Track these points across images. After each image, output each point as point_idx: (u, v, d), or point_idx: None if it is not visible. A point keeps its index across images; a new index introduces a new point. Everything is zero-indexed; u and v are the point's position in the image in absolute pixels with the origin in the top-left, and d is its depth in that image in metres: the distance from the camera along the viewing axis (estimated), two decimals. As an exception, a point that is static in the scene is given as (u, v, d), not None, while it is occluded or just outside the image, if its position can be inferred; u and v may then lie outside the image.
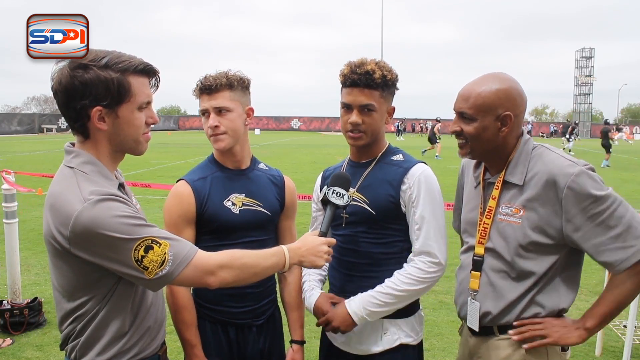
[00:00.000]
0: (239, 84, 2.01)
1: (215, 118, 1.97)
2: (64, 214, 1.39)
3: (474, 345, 1.88)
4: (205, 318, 2.05)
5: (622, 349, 3.86)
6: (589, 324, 1.68)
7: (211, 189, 2.03)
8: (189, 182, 2.03)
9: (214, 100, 1.97)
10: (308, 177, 12.46)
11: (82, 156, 1.50)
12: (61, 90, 1.46)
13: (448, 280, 5.19)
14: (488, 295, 1.79)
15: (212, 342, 2.04)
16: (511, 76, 1.77)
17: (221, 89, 1.97)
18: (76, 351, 1.52)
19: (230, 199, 2.03)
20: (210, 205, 2.00)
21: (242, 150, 2.09)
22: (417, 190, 1.91)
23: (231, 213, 2.02)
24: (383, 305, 1.88)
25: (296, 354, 2.15)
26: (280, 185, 2.18)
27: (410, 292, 1.89)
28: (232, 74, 2.01)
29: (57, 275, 1.51)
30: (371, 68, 1.89)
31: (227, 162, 2.09)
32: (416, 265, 1.90)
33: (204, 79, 1.99)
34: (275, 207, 2.13)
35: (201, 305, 2.06)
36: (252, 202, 2.07)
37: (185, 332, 1.97)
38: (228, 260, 1.54)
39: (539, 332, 1.71)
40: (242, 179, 2.09)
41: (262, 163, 2.22)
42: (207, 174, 2.07)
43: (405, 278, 1.89)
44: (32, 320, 4.37)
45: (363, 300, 1.90)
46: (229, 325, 2.06)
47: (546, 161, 1.70)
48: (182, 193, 2.01)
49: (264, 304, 2.12)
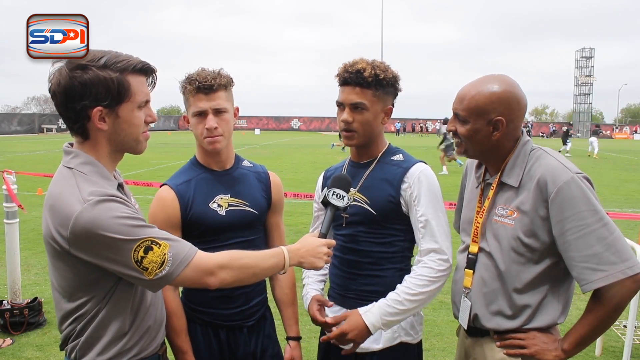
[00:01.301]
0: (230, 84, 1.99)
1: (213, 119, 1.93)
2: (64, 215, 1.38)
3: (469, 345, 1.89)
4: (196, 321, 2.03)
5: (622, 349, 3.86)
6: (566, 346, 1.66)
7: (195, 192, 1.99)
8: (172, 187, 1.99)
9: (213, 101, 1.92)
10: (308, 177, 12.45)
11: (81, 157, 1.50)
12: (60, 92, 1.45)
13: (448, 280, 5.16)
14: (479, 296, 1.79)
15: (203, 345, 2.03)
16: (511, 79, 1.75)
17: (219, 89, 1.93)
18: (76, 351, 1.52)
19: (215, 201, 2.00)
20: (195, 209, 1.97)
21: (227, 150, 2.06)
22: (417, 190, 1.91)
23: (217, 215, 1.99)
24: (401, 313, 1.85)
25: (294, 350, 2.14)
26: (266, 182, 2.15)
27: (425, 294, 1.86)
28: (224, 73, 1.97)
29: (56, 275, 1.51)
30: (362, 67, 1.89)
31: (211, 163, 2.05)
32: (427, 265, 1.88)
33: (200, 77, 1.91)
34: (262, 205, 2.10)
35: (191, 308, 2.03)
36: (239, 202, 2.04)
37: (176, 339, 1.94)
38: (228, 261, 1.54)
39: (519, 342, 1.71)
40: (227, 179, 2.06)
41: (245, 160, 2.18)
42: (190, 177, 2.03)
43: (418, 280, 1.86)
44: (32, 320, 4.37)
45: (380, 310, 1.84)
46: (219, 327, 2.04)
47: (542, 164, 1.68)
48: (166, 198, 1.97)
49: (254, 304, 2.10)
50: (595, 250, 1.56)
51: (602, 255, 1.56)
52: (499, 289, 1.75)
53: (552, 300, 1.71)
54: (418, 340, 2.04)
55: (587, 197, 1.59)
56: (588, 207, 1.58)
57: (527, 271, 1.70)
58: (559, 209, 1.60)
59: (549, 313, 1.71)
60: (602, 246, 1.56)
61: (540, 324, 1.71)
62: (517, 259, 1.70)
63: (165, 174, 14.58)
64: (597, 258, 1.56)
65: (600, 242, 1.56)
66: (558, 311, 1.72)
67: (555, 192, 1.60)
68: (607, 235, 1.57)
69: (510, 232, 1.71)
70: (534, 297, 1.71)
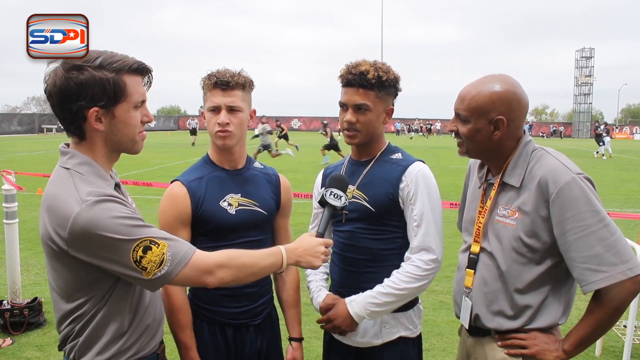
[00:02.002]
0: (249, 86, 2.03)
1: (226, 115, 1.97)
2: (62, 215, 1.38)
3: (471, 345, 1.89)
4: (203, 319, 2.05)
5: (622, 349, 3.86)
6: (566, 347, 1.66)
7: (207, 190, 2.01)
8: (184, 183, 2.01)
9: (228, 98, 1.96)
10: (308, 177, 12.46)
11: (78, 157, 1.50)
12: (56, 92, 1.45)
13: (448, 280, 5.20)
14: (480, 296, 1.80)
15: (210, 342, 2.04)
16: (512, 79, 1.75)
17: (236, 88, 1.97)
18: (75, 351, 1.52)
19: (226, 199, 2.03)
20: (206, 206, 1.99)
21: (240, 150, 2.09)
22: (414, 188, 1.94)
23: (227, 213, 2.01)
24: (384, 304, 1.91)
25: (296, 351, 2.15)
26: (276, 184, 2.18)
27: (410, 290, 1.92)
28: (244, 75, 2.02)
29: (54, 276, 1.50)
30: (365, 68, 1.93)
31: (223, 162, 2.08)
32: (414, 263, 1.92)
33: (219, 74, 1.97)
34: (272, 207, 2.13)
35: (198, 306, 2.05)
36: (249, 202, 2.06)
37: (181, 334, 1.96)
38: (226, 260, 1.54)
39: (520, 342, 1.71)
40: (238, 178, 2.08)
41: (257, 162, 2.22)
42: (202, 175, 2.05)
43: (404, 277, 1.92)
44: (32, 320, 4.37)
45: (364, 301, 1.93)
46: (226, 325, 2.06)
47: (543, 164, 1.68)
48: (178, 194, 1.99)
49: (261, 303, 2.12)
50: (596, 251, 1.56)
51: (603, 256, 1.55)
52: (500, 289, 1.75)
53: (554, 301, 1.71)
54: (417, 334, 2.08)
55: (588, 198, 1.58)
56: (589, 208, 1.57)
57: (529, 271, 1.70)
58: (560, 209, 1.60)
59: (550, 314, 1.71)
60: (603, 247, 1.56)
61: (541, 324, 1.71)
62: (519, 259, 1.70)
63: (165, 174, 14.58)
64: (598, 259, 1.56)
65: (600, 243, 1.56)
66: (559, 312, 1.72)
67: (556, 193, 1.60)
68: (608, 236, 1.56)
69: (512, 232, 1.71)
70: (535, 298, 1.71)
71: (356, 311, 1.93)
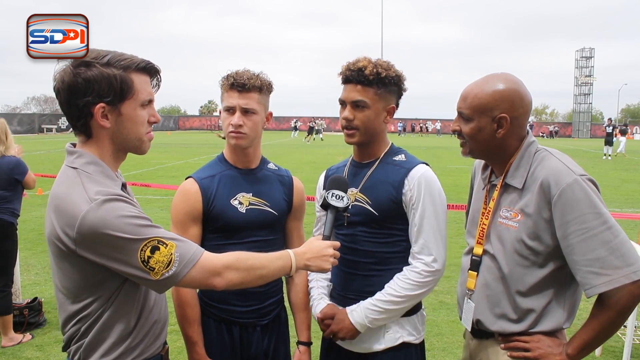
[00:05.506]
0: (267, 89, 2.04)
1: (240, 117, 1.98)
2: (70, 215, 1.38)
3: (474, 347, 1.88)
4: (210, 316, 2.06)
5: (622, 349, 3.86)
6: (570, 351, 1.63)
7: (218, 187, 2.03)
8: (197, 180, 2.04)
9: (243, 100, 1.97)
10: (308, 177, 12.43)
11: (85, 156, 1.49)
12: (64, 88, 1.45)
13: (448, 280, 5.19)
14: (483, 299, 1.78)
15: (216, 340, 2.05)
16: (515, 77, 1.74)
17: (252, 90, 1.98)
18: (80, 352, 1.51)
19: (237, 198, 2.04)
20: (217, 203, 2.01)
21: (254, 151, 2.10)
22: (417, 192, 1.91)
23: (237, 212, 2.02)
24: (384, 312, 1.89)
25: (303, 355, 2.14)
26: (289, 186, 2.18)
27: (410, 297, 1.89)
28: (263, 77, 2.02)
29: (60, 277, 1.49)
30: (363, 65, 1.90)
31: (237, 161, 2.10)
32: (415, 270, 1.89)
33: (237, 75, 1.98)
34: (283, 208, 2.13)
35: (206, 303, 2.06)
36: (259, 202, 2.07)
37: (188, 329, 1.98)
38: (234, 262, 1.53)
39: (523, 344, 1.70)
40: (251, 178, 2.10)
41: (271, 163, 2.22)
42: (215, 172, 2.08)
43: (405, 283, 1.89)
44: (32, 320, 4.37)
45: (365, 309, 1.91)
46: (233, 324, 2.06)
47: (545, 165, 1.66)
48: (189, 190, 2.02)
49: (269, 304, 2.12)
50: (599, 254, 1.53)
51: (606, 259, 1.52)
52: (502, 292, 1.73)
53: (557, 305, 1.68)
54: (420, 340, 2.04)
55: (591, 200, 1.56)
56: (592, 210, 1.55)
57: (531, 274, 1.68)
58: (562, 211, 1.57)
59: (554, 318, 1.69)
60: (606, 250, 1.53)
61: (545, 328, 1.69)
62: (521, 262, 1.68)
63: (165, 174, 14.59)
64: (601, 262, 1.53)
65: (604, 246, 1.53)
66: (563, 316, 1.69)
67: (559, 194, 1.58)
68: (611, 239, 1.53)
69: (514, 234, 1.69)
70: (539, 301, 1.68)
71: (357, 320, 1.91)
